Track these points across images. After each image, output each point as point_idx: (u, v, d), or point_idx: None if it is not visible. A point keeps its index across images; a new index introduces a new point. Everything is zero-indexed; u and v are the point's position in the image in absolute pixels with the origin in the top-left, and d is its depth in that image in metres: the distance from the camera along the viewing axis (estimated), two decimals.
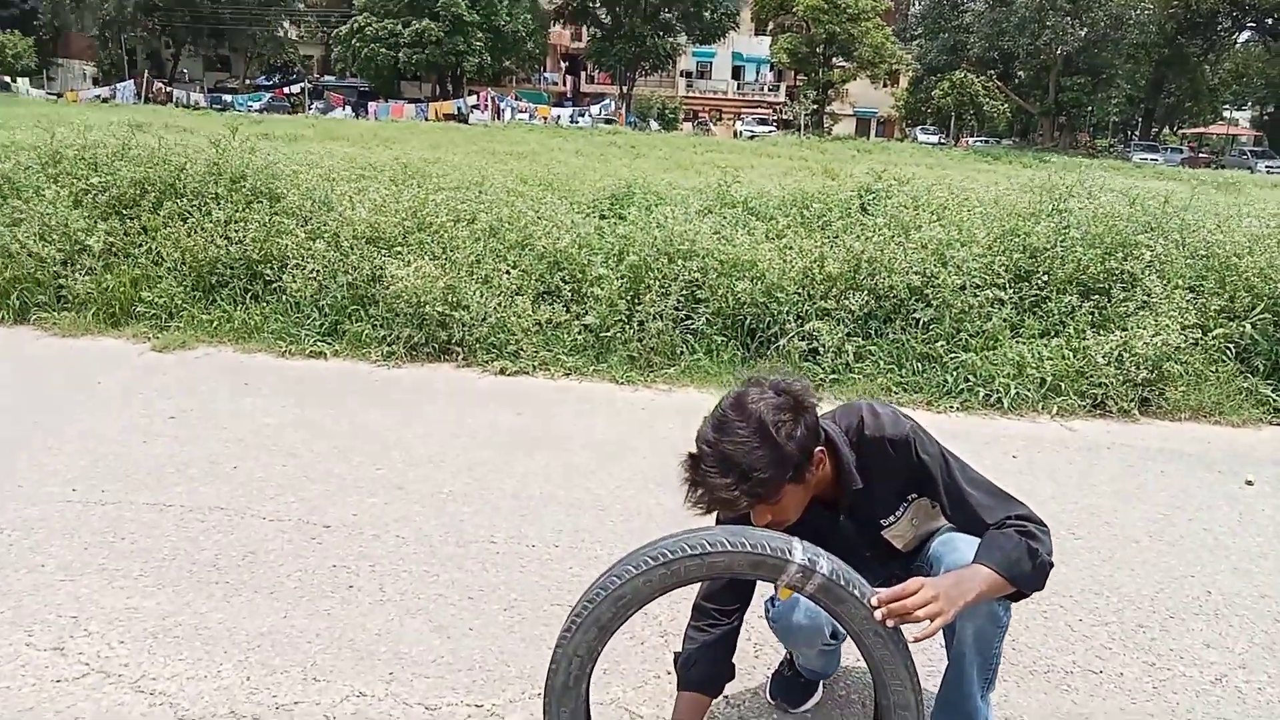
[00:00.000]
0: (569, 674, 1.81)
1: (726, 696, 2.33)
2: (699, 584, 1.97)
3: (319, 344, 5.71)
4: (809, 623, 2.15)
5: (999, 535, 1.91)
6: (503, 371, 5.43)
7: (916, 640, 1.77)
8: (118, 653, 2.60)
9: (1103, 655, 2.82)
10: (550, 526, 3.52)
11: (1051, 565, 1.93)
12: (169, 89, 52.10)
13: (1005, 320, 5.44)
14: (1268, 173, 39.51)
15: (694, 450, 1.88)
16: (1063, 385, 5.14)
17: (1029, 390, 5.11)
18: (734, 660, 2.17)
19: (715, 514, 1.96)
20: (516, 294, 5.80)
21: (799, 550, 1.72)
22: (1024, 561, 1.88)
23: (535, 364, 5.48)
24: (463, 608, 2.94)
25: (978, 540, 1.94)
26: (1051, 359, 5.22)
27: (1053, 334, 5.47)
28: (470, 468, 4.06)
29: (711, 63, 67.99)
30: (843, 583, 1.72)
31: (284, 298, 6.00)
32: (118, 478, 3.79)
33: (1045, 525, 1.97)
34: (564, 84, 67.56)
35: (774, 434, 1.82)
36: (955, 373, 5.24)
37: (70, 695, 2.41)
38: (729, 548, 1.71)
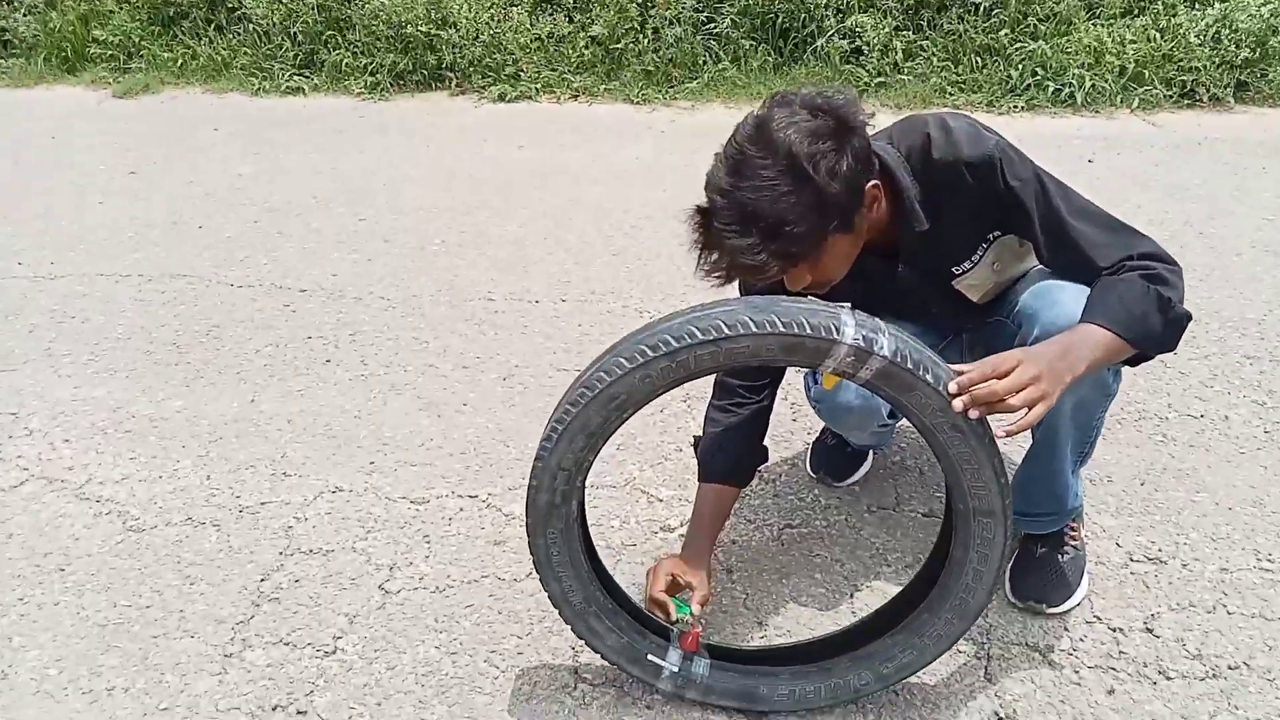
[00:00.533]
0: (554, 491, 1.41)
1: (759, 470, 1.96)
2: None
3: (295, 78, 5.13)
4: (862, 404, 1.70)
5: (1116, 283, 1.41)
6: (502, 97, 4.86)
7: (1008, 434, 1.31)
8: (61, 454, 2.28)
9: (1203, 396, 2.40)
10: (557, 278, 3.09)
11: (1189, 318, 1.43)
12: None
13: None
14: None
15: (703, 202, 1.37)
16: (1146, 73, 4.51)
17: (1107, 81, 4.48)
18: (766, 441, 1.77)
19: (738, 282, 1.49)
20: (511, 4, 5.17)
21: (850, 327, 1.23)
22: (1151, 315, 1.38)
23: (538, 86, 4.90)
24: (455, 380, 2.56)
25: (1085, 289, 1.44)
26: (1135, 42, 4.57)
27: (1136, 12, 4.76)
28: (466, 212, 3.59)
29: None
30: (910, 366, 1.24)
31: (251, 27, 5.36)
32: (69, 246, 3.39)
33: (1177, 265, 1.46)
34: None
35: (810, 171, 1.29)
36: (1021, 66, 4.62)
37: (6, 507, 2.10)
38: (753, 329, 1.23)
